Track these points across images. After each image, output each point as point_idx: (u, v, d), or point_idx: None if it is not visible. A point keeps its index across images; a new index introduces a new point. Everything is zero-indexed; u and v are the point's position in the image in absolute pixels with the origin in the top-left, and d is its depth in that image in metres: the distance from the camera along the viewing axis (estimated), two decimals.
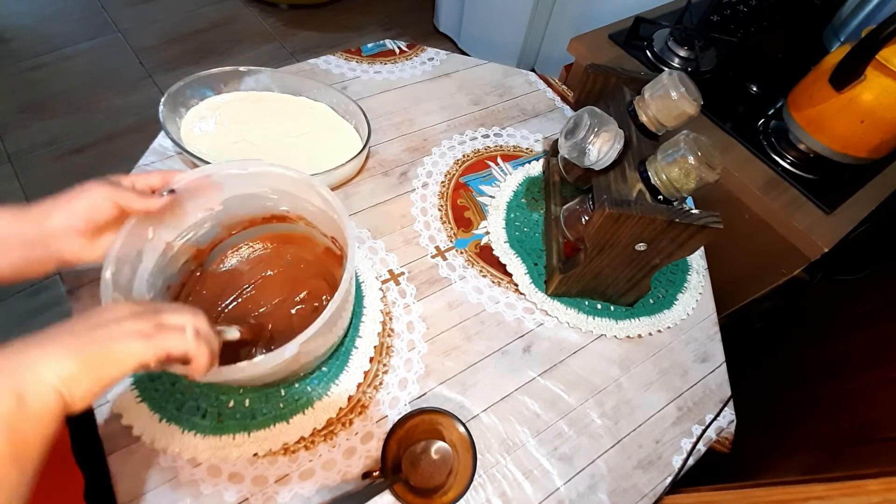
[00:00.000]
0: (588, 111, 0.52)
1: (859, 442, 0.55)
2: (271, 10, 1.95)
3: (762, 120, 0.82)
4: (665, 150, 0.47)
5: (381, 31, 1.97)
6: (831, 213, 0.72)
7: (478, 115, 0.78)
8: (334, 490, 0.46)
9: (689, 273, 0.67)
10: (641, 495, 0.52)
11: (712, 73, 0.89)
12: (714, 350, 0.62)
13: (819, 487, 0.43)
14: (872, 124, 0.67)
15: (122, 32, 1.77)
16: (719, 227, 0.46)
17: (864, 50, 0.62)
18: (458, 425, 0.47)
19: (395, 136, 0.73)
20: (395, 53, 0.84)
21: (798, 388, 0.74)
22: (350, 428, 0.50)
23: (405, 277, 0.60)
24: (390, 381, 0.53)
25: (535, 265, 0.62)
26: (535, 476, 0.50)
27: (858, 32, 0.68)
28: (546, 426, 0.53)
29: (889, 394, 0.57)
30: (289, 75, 0.71)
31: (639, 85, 0.56)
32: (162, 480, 0.44)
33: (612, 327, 0.60)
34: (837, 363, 0.71)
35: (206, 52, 1.76)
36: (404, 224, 0.65)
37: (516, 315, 0.60)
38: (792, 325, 0.89)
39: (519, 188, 0.69)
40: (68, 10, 1.81)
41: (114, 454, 0.45)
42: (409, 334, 0.56)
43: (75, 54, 1.68)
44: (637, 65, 0.89)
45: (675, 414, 0.57)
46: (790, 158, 0.77)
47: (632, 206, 0.46)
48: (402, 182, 0.69)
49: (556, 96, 0.83)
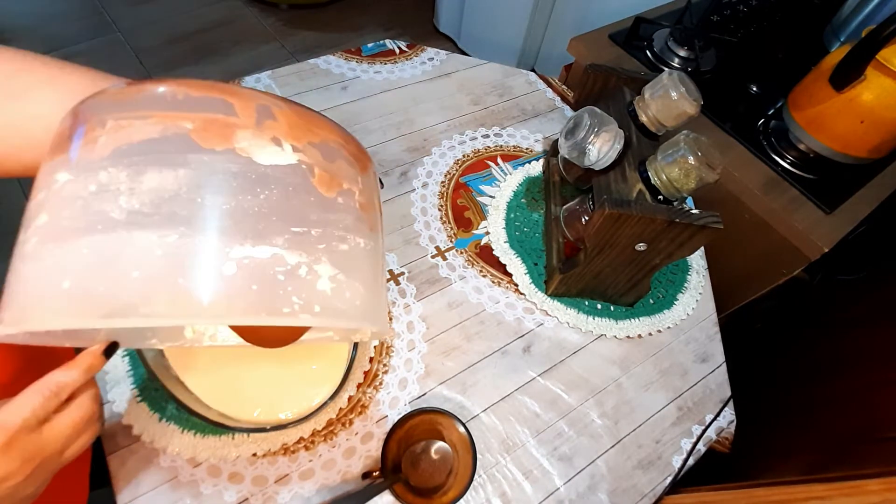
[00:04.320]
0: (588, 111, 0.52)
1: (859, 442, 0.55)
2: (271, 10, 1.95)
3: (762, 120, 0.82)
4: (665, 150, 0.47)
5: (381, 31, 1.97)
6: (831, 213, 0.72)
7: (478, 115, 0.78)
8: (334, 490, 0.46)
9: (689, 273, 0.67)
10: (641, 495, 0.52)
11: (712, 73, 0.89)
12: (714, 350, 0.62)
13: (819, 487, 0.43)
14: (872, 124, 0.67)
15: (122, 32, 1.77)
16: (719, 227, 0.46)
17: (864, 50, 0.62)
18: (458, 425, 0.47)
19: (395, 136, 0.73)
20: (395, 53, 0.84)
21: (798, 387, 0.74)
22: (350, 428, 0.50)
23: (405, 277, 0.60)
24: (390, 381, 0.53)
25: (535, 265, 0.62)
26: (535, 476, 0.50)
27: (858, 32, 0.68)
28: (546, 426, 0.53)
29: (889, 394, 0.57)
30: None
31: (639, 85, 0.56)
32: (162, 480, 0.44)
33: (612, 327, 0.60)
34: (837, 363, 0.71)
35: (206, 52, 1.76)
36: (404, 224, 0.65)
37: (516, 315, 0.60)
38: (792, 325, 0.89)
39: (519, 188, 0.69)
40: (68, 10, 1.81)
41: (114, 454, 0.45)
42: (409, 334, 0.56)
43: (75, 54, 1.68)
44: (637, 65, 0.89)
45: (675, 414, 0.56)
46: (790, 158, 0.77)
47: (632, 206, 0.46)
48: (402, 182, 0.69)
49: (556, 96, 0.83)
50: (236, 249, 0.24)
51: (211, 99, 0.27)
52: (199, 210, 0.25)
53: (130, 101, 0.27)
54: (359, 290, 0.29)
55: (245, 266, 0.24)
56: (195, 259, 0.24)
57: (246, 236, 0.25)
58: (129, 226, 0.24)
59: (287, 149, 0.28)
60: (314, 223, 0.27)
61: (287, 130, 0.28)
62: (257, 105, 0.27)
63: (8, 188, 1.34)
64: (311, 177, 0.28)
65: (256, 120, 0.27)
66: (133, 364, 0.49)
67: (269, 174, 0.26)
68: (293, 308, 0.25)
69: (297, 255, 0.26)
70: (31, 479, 0.27)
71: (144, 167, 0.25)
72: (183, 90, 0.27)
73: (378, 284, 0.32)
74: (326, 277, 0.27)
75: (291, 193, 0.27)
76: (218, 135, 0.26)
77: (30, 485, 0.27)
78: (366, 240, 0.31)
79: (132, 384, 0.48)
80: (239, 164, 0.26)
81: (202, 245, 0.24)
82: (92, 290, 0.23)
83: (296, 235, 0.26)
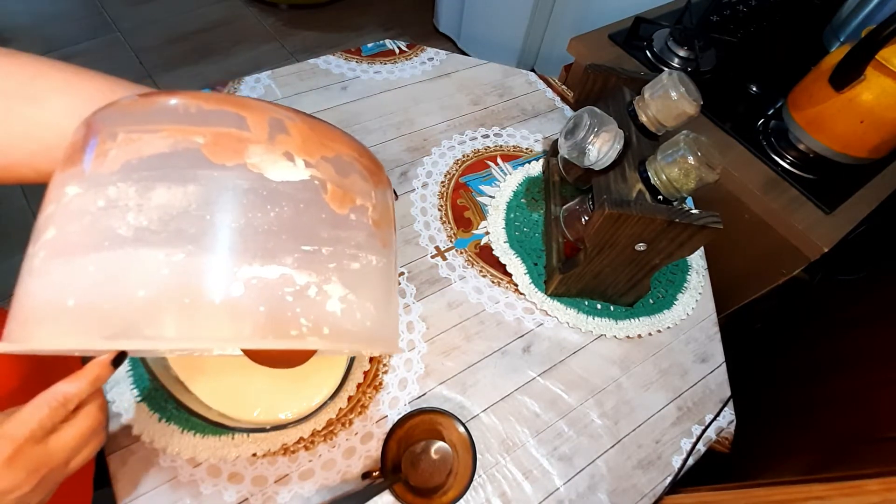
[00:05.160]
0: (588, 111, 0.52)
1: (859, 442, 0.55)
2: (271, 10, 1.95)
3: (762, 120, 0.82)
4: (665, 150, 0.47)
5: (381, 31, 1.97)
6: (831, 213, 0.72)
7: (478, 115, 0.78)
8: (334, 490, 0.46)
9: (689, 273, 0.67)
10: (641, 495, 0.52)
11: (712, 73, 0.89)
12: (714, 350, 0.62)
13: (819, 487, 0.43)
14: (872, 124, 0.67)
15: (122, 32, 1.77)
16: (719, 227, 0.46)
17: (864, 50, 0.62)
18: (458, 425, 0.47)
19: (395, 136, 0.73)
20: (394, 53, 0.84)
21: (798, 387, 0.75)
22: (350, 428, 0.50)
23: (405, 277, 0.60)
24: (390, 381, 0.53)
25: (535, 265, 0.62)
26: (534, 476, 0.50)
27: (858, 32, 0.68)
28: (546, 426, 0.53)
29: (889, 394, 0.57)
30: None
31: (639, 85, 0.56)
32: (162, 480, 0.44)
33: (612, 327, 0.60)
34: (837, 363, 0.71)
35: (206, 52, 1.76)
36: (404, 224, 0.65)
37: (516, 315, 0.60)
38: (792, 325, 0.89)
39: (519, 188, 0.69)
40: (68, 10, 1.81)
41: (113, 454, 0.45)
42: (409, 334, 0.56)
43: (75, 54, 1.68)
44: (637, 65, 0.89)
45: (675, 414, 0.56)
46: (790, 158, 0.77)
47: (632, 206, 0.46)
48: (402, 182, 0.69)
49: (556, 96, 0.83)
50: (244, 269, 0.24)
51: (223, 112, 0.26)
52: (208, 228, 0.24)
53: (142, 114, 0.26)
54: (369, 310, 0.29)
55: (253, 286, 0.24)
56: (202, 279, 0.23)
57: (255, 255, 0.24)
58: (136, 243, 0.23)
59: (299, 164, 0.27)
60: (325, 241, 0.27)
61: (300, 145, 0.28)
62: (270, 119, 0.27)
63: (9, 189, 1.34)
64: (324, 193, 0.28)
65: (269, 134, 0.27)
66: (133, 364, 0.49)
67: (281, 190, 0.26)
68: (301, 330, 0.25)
69: (307, 275, 0.26)
70: (36, 490, 0.27)
71: (153, 183, 0.24)
72: (195, 103, 0.26)
73: (389, 303, 0.32)
74: (336, 298, 0.27)
75: (303, 210, 0.26)
76: (229, 150, 0.25)
77: (35, 496, 0.27)
78: (378, 257, 0.30)
79: (132, 384, 0.48)
80: (250, 181, 0.25)
81: (209, 265, 0.24)
82: (96, 309, 0.23)
83: (306, 254, 0.26)
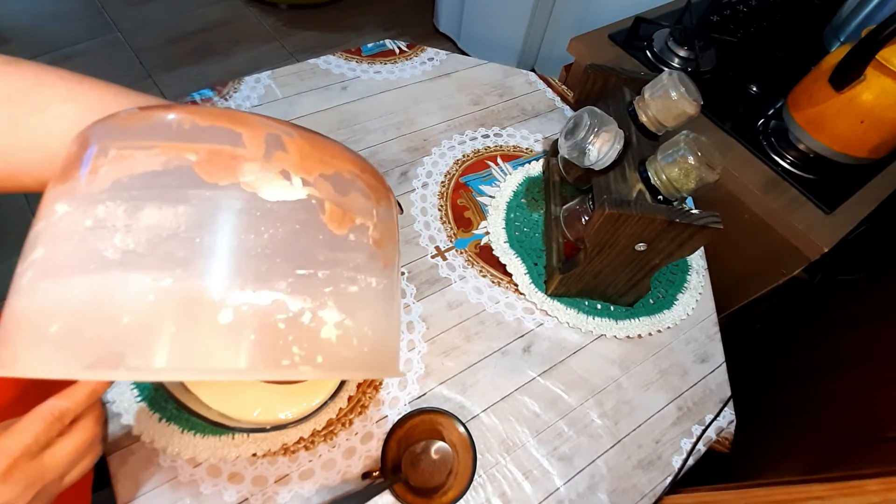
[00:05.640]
0: (588, 111, 0.52)
1: (859, 442, 0.55)
2: (271, 10, 1.95)
3: (762, 120, 0.82)
4: (665, 150, 0.47)
5: (381, 31, 1.97)
6: (831, 213, 0.72)
7: (478, 115, 0.78)
8: (334, 490, 0.46)
9: (689, 273, 0.67)
10: (641, 495, 0.52)
11: (712, 73, 0.89)
12: (714, 350, 0.62)
13: (819, 487, 0.43)
14: (872, 124, 0.67)
15: (122, 32, 1.77)
16: (719, 227, 0.46)
17: (864, 50, 0.62)
18: (458, 425, 0.47)
19: (395, 136, 0.73)
20: (395, 53, 0.84)
21: (798, 387, 0.74)
22: (350, 428, 0.50)
23: (405, 277, 0.60)
24: (390, 381, 0.53)
25: (535, 265, 0.62)
26: (534, 476, 0.50)
27: (858, 32, 0.68)
28: (546, 426, 0.53)
29: (889, 394, 0.57)
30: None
31: (639, 85, 0.56)
32: (162, 480, 0.44)
33: (612, 327, 0.60)
34: (837, 363, 0.71)
35: (206, 52, 1.76)
36: (404, 224, 0.65)
37: (516, 315, 0.60)
38: (792, 325, 0.89)
39: (519, 188, 0.69)
40: (68, 10, 1.81)
41: (113, 454, 0.45)
42: (409, 334, 0.56)
43: (75, 54, 1.68)
44: (637, 65, 0.89)
45: (675, 414, 0.56)
46: (790, 158, 0.77)
47: (632, 206, 0.46)
48: (402, 182, 0.69)
49: (556, 96, 0.83)
50: (235, 295, 0.23)
51: (218, 129, 0.25)
52: (198, 251, 0.23)
53: (137, 129, 0.26)
54: (367, 335, 0.27)
55: (243, 314, 0.23)
56: (189, 306, 0.22)
57: (246, 280, 0.23)
58: (122, 266, 0.22)
59: (296, 182, 0.26)
60: (322, 264, 0.26)
61: (297, 162, 0.26)
62: (267, 135, 0.26)
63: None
64: (321, 213, 0.26)
65: (265, 151, 0.26)
66: None
67: (276, 211, 0.25)
68: (293, 360, 0.24)
69: (301, 301, 0.24)
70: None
71: (143, 202, 0.23)
72: (190, 118, 0.25)
73: (390, 326, 0.30)
74: (332, 324, 0.26)
75: (299, 232, 0.25)
76: (223, 168, 0.24)
77: None
78: (378, 279, 0.29)
79: (132, 384, 0.48)
80: (243, 201, 0.24)
81: (198, 291, 0.22)
82: (78, 336, 0.22)
83: (300, 279, 0.25)
